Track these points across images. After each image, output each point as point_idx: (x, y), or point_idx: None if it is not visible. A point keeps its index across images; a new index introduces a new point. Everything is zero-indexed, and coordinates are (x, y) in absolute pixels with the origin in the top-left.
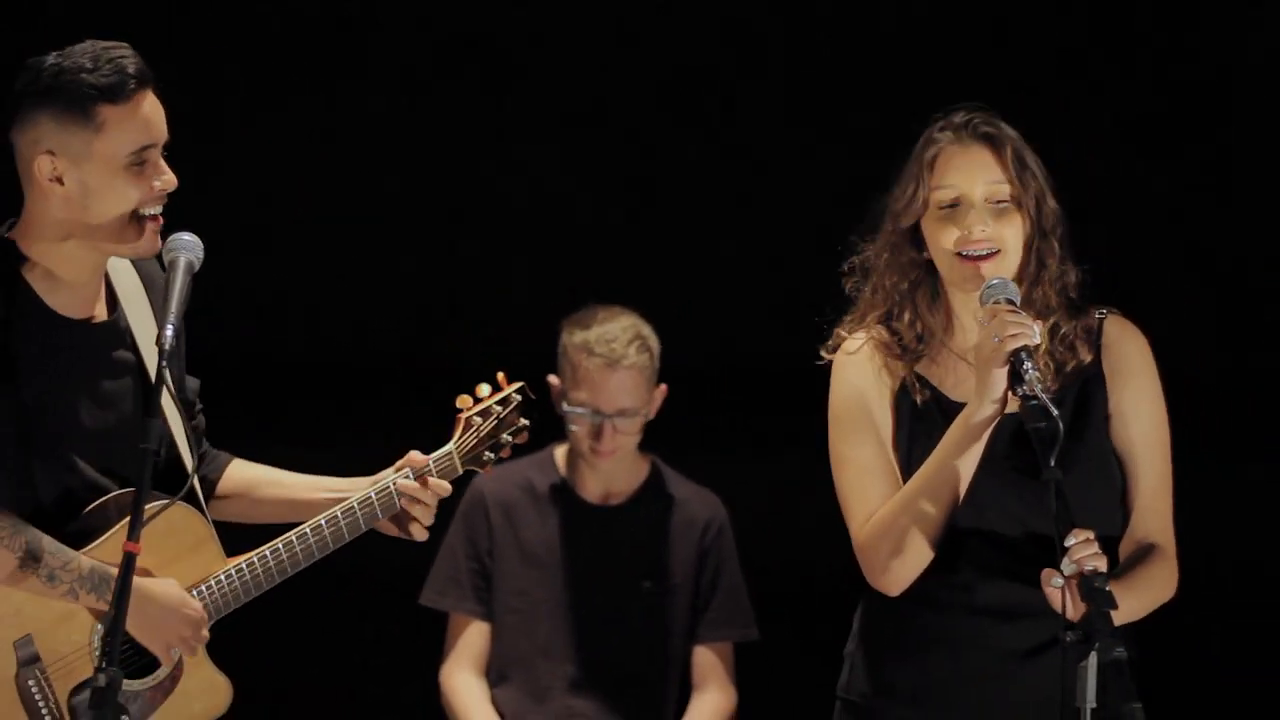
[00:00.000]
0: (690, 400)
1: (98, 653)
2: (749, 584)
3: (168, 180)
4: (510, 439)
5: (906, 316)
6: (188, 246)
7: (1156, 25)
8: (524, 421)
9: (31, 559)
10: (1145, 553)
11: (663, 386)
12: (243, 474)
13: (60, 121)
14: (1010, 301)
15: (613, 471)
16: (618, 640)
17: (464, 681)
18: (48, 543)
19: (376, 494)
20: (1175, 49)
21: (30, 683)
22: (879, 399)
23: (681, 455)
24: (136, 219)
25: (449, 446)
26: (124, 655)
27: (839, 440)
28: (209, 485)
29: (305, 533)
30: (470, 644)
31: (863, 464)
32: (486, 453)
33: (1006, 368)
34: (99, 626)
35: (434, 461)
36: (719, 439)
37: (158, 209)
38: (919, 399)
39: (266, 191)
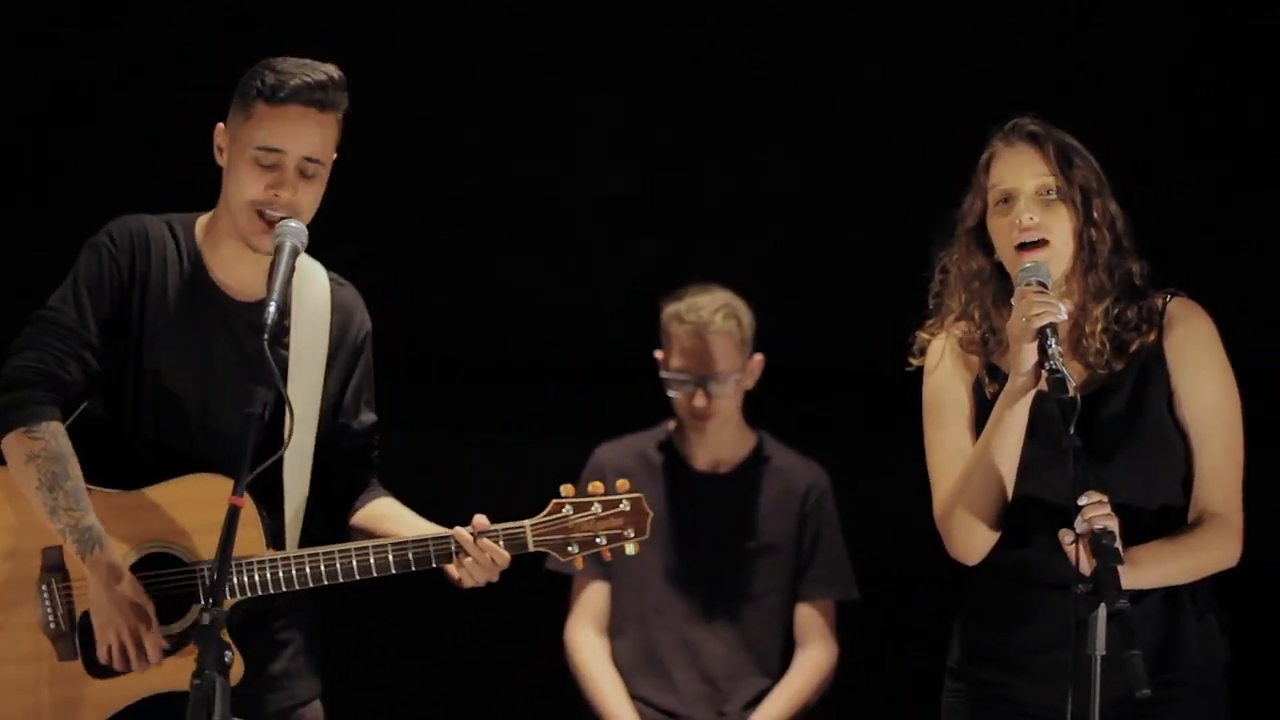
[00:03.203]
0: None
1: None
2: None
3: (285, 195)
4: (604, 543)
5: (977, 315)
6: (294, 233)
7: None
8: (629, 534)
9: (46, 488)
10: (1200, 521)
11: (758, 356)
12: (374, 510)
13: (236, 105)
14: (1041, 284)
15: (719, 440)
16: (724, 598)
17: (585, 638)
18: (72, 484)
19: (434, 540)
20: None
21: (43, 588)
22: (961, 389)
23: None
24: (261, 215)
25: (525, 522)
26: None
27: (927, 425)
28: (350, 513)
29: (350, 551)
30: (591, 603)
31: (944, 445)
32: (571, 546)
33: (1035, 343)
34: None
35: (503, 529)
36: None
37: (275, 213)
38: (989, 392)
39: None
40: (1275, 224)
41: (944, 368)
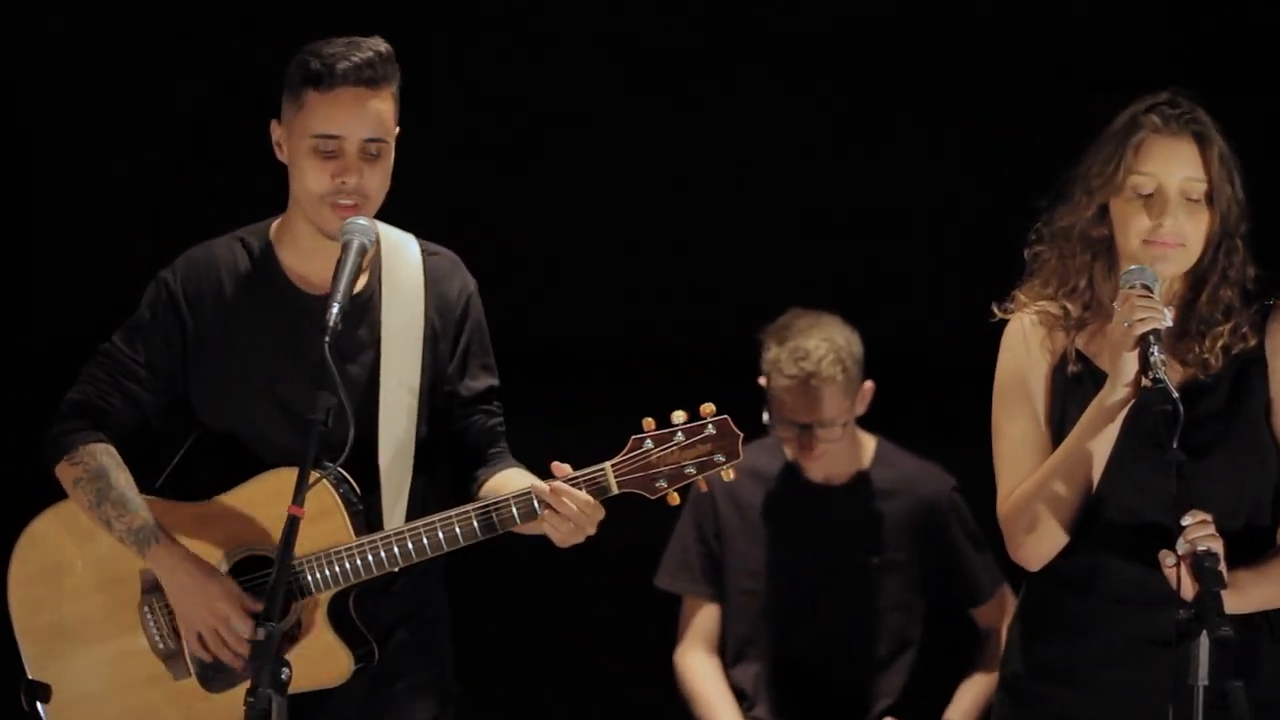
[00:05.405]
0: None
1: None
2: None
3: (351, 181)
4: (694, 472)
5: (1081, 284)
6: (361, 230)
7: None
8: (719, 459)
9: (95, 505)
10: None
11: (868, 384)
12: (499, 482)
13: (287, 96)
14: (1146, 287)
15: (832, 456)
16: (848, 616)
17: (698, 661)
18: (116, 493)
19: (515, 497)
20: None
21: (145, 609)
22: (1038, 373)
23: None
24: (330, 204)
25: (606, 463)
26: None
27: (998, 412)
28: (478, 484)
29: (434, 523)
30: (702, 625)
31: (1015, 438)
32: (659, 481)
33: (1137, 351)
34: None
35: (583, 475)
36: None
37: (346, 200)
38: (1072, 369)
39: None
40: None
41: (1023, 348)
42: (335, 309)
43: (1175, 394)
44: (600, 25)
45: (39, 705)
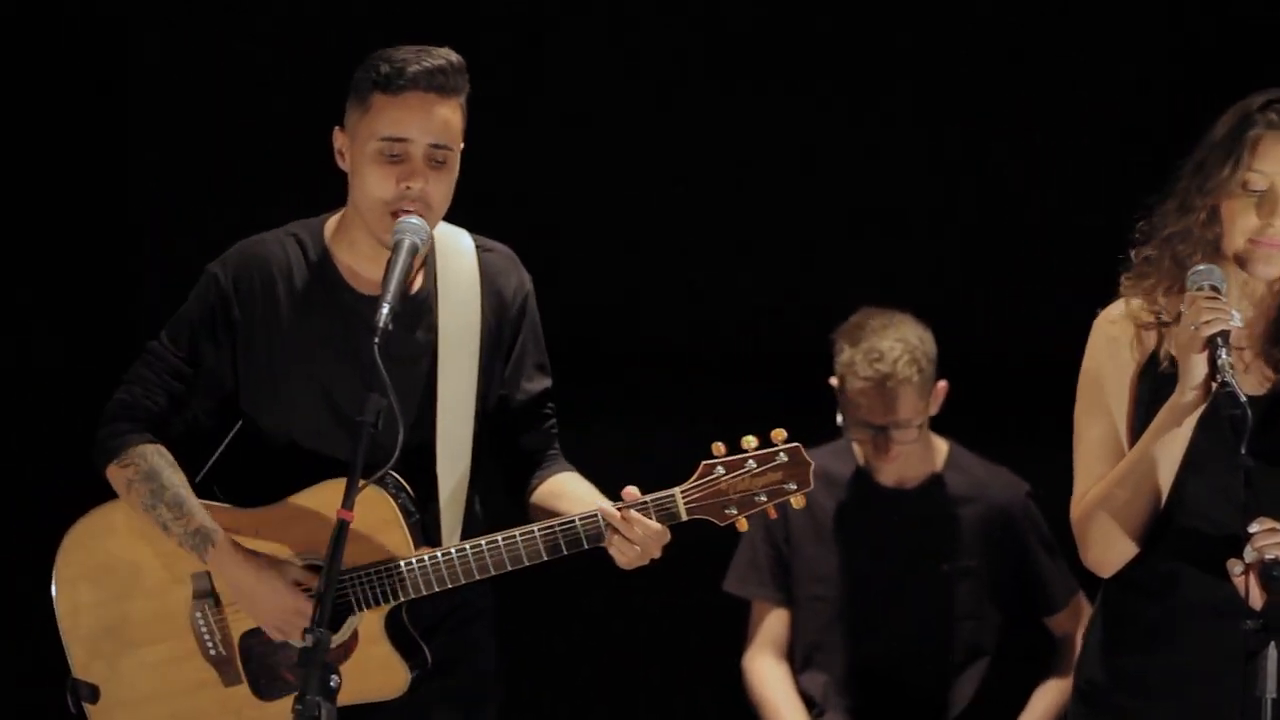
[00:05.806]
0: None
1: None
2: None
3: (417, 185)
4: (765, 500)
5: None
6: (414, 229)
7: None
8: (791, 488)
9: (150, 508)
10: None
11: (942, 384)
12: (550, 489)
13: (353, 102)
14: (1214, 288)
15: (904, 460)
16: (919, 623)
17: (766, 666)
18: (170, 494)
19: (581, 519)
20: None
21: (197, 615)
22: (1122, 375)
23: None
24: (392, 212)
25: (675, 489)
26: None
27: (1079, 411)
28: (531, 489)
29: (497, 542)
30: (771, 630)
31: (1091, 441)
32: (729, 508)
33: (1205, 354)
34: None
35: (652, 500)
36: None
37: (410, 207)
38: (1164, 369)
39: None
40: None
41: (1107, 350)
42: (385, 309)
43: (1243, 398)
44: (600, 25)
45: (85, 705)
